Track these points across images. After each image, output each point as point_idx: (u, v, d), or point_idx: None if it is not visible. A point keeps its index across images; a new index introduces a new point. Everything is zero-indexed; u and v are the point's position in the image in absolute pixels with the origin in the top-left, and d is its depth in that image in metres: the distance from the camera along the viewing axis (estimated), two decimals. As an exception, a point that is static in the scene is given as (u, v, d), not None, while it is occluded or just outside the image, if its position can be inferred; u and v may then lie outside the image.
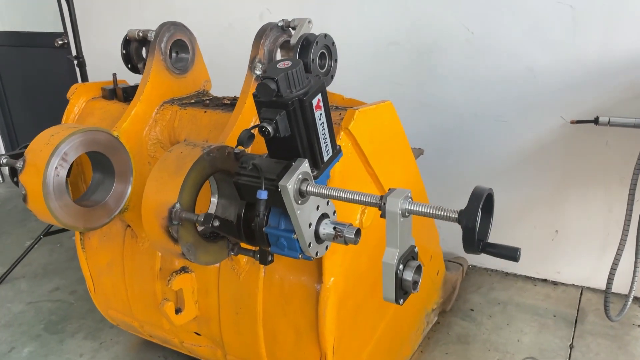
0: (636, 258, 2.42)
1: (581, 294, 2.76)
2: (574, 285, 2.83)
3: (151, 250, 2.00)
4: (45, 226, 3.31)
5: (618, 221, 2.53)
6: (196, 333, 2.04)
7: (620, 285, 2.53)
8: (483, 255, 3.09)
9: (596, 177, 2.59)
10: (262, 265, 1.79)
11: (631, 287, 2.43)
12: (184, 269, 1.93)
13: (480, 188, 1.06)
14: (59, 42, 3.85)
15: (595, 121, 2.37)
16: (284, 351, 1.84)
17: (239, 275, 1.83)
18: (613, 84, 2.42)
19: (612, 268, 2.37)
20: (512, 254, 1.09)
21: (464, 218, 1.04)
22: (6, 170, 4.84)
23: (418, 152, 2.29)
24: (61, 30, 4.01)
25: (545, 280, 2.89)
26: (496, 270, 3.01)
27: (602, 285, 2.51)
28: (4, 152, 4.82)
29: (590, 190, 2.63)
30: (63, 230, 3.31)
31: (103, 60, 3.56)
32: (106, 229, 2.12)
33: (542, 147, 2.65)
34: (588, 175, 2.61)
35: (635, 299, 2.65)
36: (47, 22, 4.22)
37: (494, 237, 2.34)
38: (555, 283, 2.86)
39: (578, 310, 2.63)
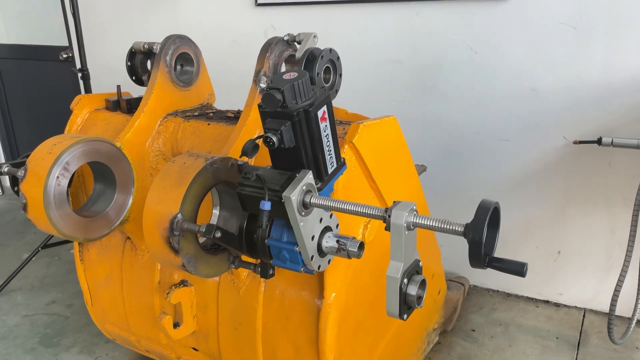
0: (640, 281, 2.40)
1: (584, 316, 2.72)
2: (576, 307, 2.79)
3: (150, 263, 1.98)
4: (44, 239, 3.29)
5: (621, 243, 2.51)
6: (194, 348, 2.01)
7: (624, 308, 2.51)
8: (485, 276, 3.06)
9: (599, 198, 2.58)
10: (262, 280, 1.77)
11: (634, 310, 2.40)
12: (183, 283, 1.90)
13: (487, 201, 1.06)
14: (64, 56, 3.88)
15: (599, 142, 2.36)
16: (283, 368, 1.81)
17: (238, 290, 1.81)
18: (616, 105, 2.42)
19: (615, 290, 2.34)
20: (518, 268, 1.07)
21: (471, 231, 1.03)
22: (6, 181, 4.84)
23: (421, 169, 2.28)
24: (66, 43, 4.05)
25: (547, 302, 2.85)
26: (498, 290, 2.98)
27: (605, 308, 2.49)
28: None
29: (593, 211, 2.61)
30: (61, 242, 3.29)
31: (106, 73, 3.59)
32: (105, 241, 2.10)
33: (545, 167, 2.64)
34: (591, 196, 2.60)
35: (639, 322, 2.61)
36: (52, 35, 4.25)
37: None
38: (557, 305, 2.83)
39: (581, 333, 2.60)
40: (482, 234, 1.01)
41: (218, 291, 1.85)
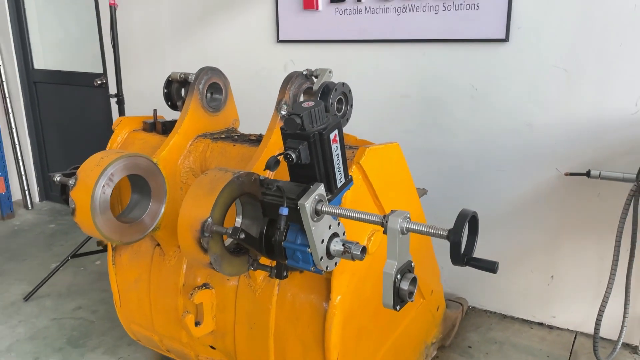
0: (625, 305, 2.58)
1: (575, 338, 2.89)
2: (568, 329, 2.96)
3: (177, 267, 2.21)
4: (70, 251, 3.54)
5: (610, 270, 2.69)
6: (211, 347, 2.22)
7: (614, 331, 2.67)
8: (483, 298, 3.25)
9: (589, 226, 2.78)
10: (276, 284, 2.00)
11: (620, 333, 2.57)
12: (205, 285, 2.13)
13: (466, 210, 1.28)
14: (98, 82, 4.19)
15: (587, 174, 2.57)
16: (292, 365, 2.01)
17: (254, 292, 2.03)
18: (604, 140, 2.64)
19: (599, 311, 2.53)
20: (490, 266, 1.29)
21: (452, 234, 1.25)
22: (35, 197, 5.15)
23: (422, 192, 2.50)
24: (100, 71, 4.38)
25: (541, 324, 3.03)
26: (495, 312, 3.16)
27: (595, 331, 2.66)
28: (35, 183, 5.14)
29: (583, 238, 2.81)
30: (88, 253, 3.53)
31: (137, 99, 3.91)
32: (136, 247, 2.35)
33: (539, 196, 2.86)
34: (581, 225, 2.80)
35: (626, 345, 2.78)
36: (86, 63, 4.60)
37: (494, 280, 2.64)
38: (550, 327, 3.00)
39: (571, 353, 2.77)
40: (460, 236, 1.23)
41: (236, 294, 2.07)
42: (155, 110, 2.38)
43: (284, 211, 1.47)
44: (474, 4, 2.76)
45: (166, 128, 2.31)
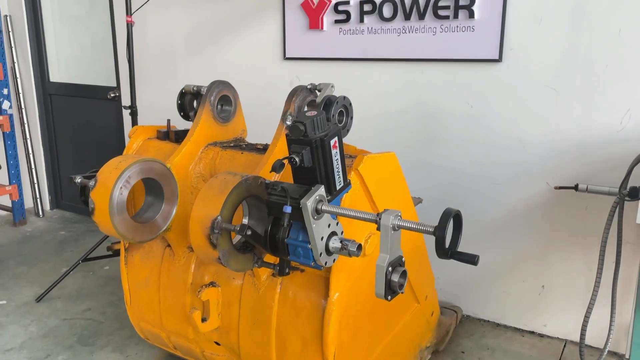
0: (611, 314, 2.70)
1: (564, 346, 3.00)
2: (558, 338, 3.08)
3: (185, 266, 2.35)
4: (79, 257, 3.68)
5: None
6: (216, 343, 2.35)
7: (602, 340, 2.78)
8: (477, 307, 3.37)
9: (577, 238, 2.91)
10: (278, 282, 2.14)
11: (606, 341, 2.69)
12: (212, 284, 2.27)
13: (450, 209, 1.43)
14: (111, 95, 4.37)
15: (575, 188, 2.71)
16: (292, 359, 2.14)
17: (258, 290, 2.17)
18: (591, 156, 2.78)
19: (585, 319, 2.65)
20: (471, 259, 1.43)
21: (437, 230, 1.40)
22: (46, 205, 5.31)
23: (417, 200, 2.65)
24: (113, 84, 4.57)
25: (532, 332, 3.14)
26: (488, 320, 3.27)
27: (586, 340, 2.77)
28: (47, 192, 5.31)
29: (572, 249, 2.94)
30: (98, 257, 3.68)
31: (148, 111, 4.08)
32: (148, 248, 2.49)
33: (530, 208, 3.00)
34: (570, 236, 2.93)
35: (613, 353, 2.89)
36: (101, 77, 4.80)
37: (488, 290, 2.73)
38: (541, 335, 3.11)
39: (560, 359, 2.88)
40: (445, 231, 1.38)
41: (241, 291, 2.21)
42: (169, 120, 2.54)
43: (288, 209, 1.62)
44: (469, 27, 2.94)
45: (178, 136, 2.48)
